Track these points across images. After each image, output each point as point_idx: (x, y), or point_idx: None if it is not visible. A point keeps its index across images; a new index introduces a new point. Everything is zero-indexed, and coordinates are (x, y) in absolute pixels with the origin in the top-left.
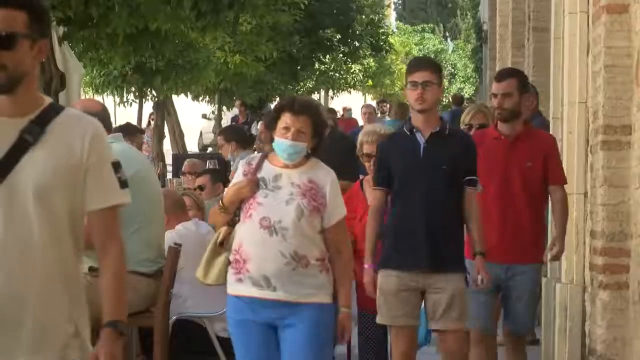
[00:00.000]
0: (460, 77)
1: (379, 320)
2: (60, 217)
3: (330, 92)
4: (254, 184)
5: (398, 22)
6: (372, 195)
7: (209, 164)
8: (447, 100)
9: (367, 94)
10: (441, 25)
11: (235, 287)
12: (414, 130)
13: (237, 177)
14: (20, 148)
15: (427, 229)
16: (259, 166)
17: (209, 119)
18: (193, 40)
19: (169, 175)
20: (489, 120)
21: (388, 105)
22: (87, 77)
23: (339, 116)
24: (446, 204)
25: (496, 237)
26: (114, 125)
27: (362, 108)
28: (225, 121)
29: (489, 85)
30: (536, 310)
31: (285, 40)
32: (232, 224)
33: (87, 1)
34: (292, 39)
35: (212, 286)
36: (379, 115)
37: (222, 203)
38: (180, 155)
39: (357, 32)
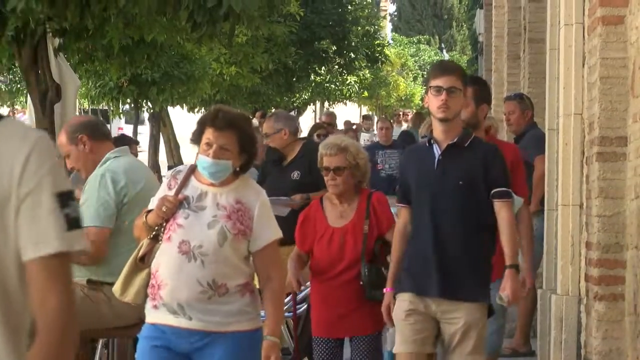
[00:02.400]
0: None
1: (394, 349)
2: None
3: (326, 104)
4: (174, 205)
5: (394, 33)
6: (333, 213)
7: None
8: None
9: (362, 105)
10: (437, 36)
11: (152, 315)
12: (432, 141)
13: (162, 189)
14: None
15: (438, 253)
16: (185, 182)
17: None
18: (189, 52)
19: None
20: None
21: (389, 121)
22: (83, 88)
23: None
24: (462, 225)
25: None
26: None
27: (377, 122)
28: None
29: None
30: (503, 327)
31: (281, 51)
32: (155, 238)
33: (82, 13)
34: (287, 51)
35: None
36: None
37: (146, 220)
38: (176, 167)
39: (353, 44)
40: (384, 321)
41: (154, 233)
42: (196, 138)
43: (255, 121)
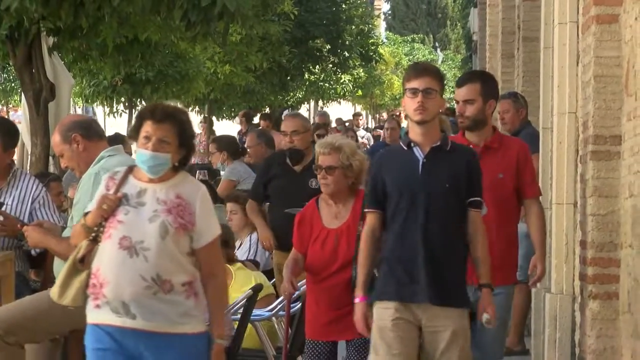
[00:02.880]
0: (450, 88)
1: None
2: None
3: (320, 103)
4: (114, 203)
5: (388, 32)
6: (328, 214)
7: (198, 175)
8: None
9: (356, 104)
10: (431, 35)
11: (94, 315)
12: (412, 144)
13: (100, 191)
14: None
15: (427, 257)
16: (123, 181)
17: None
18: (183, 51)
19: None
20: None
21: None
22: (77, 87)
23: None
24: (448, 229)
25: None
26: None
27: (385, 123)
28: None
29: None
30: (505, 338)
31: (275, 50)
32: (94, 239)
33: (76, 12)
34: (281, 50)
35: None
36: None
37: (85, 221)
38: None
39: (347, 43)
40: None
41: (93, 235)
42: (134, 133)
43: (237, 119)
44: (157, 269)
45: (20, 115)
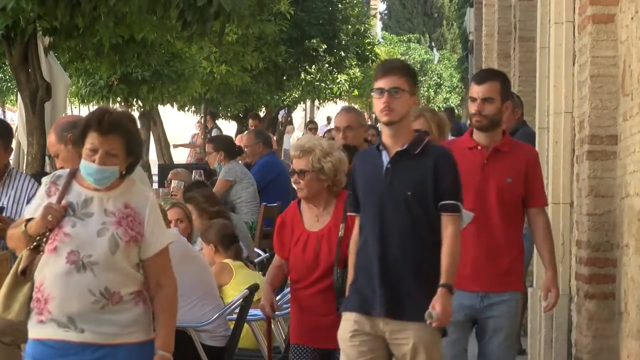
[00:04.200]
0: (446, 87)
1: None
2: None
3: (317, 102)
4: (60, 213)
5: (384, 32)
6: (309, 217)
7: (194, 175)
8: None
9: (353, 103)
10: (427, 35)
11: (38, 330)
12: (380, 147)
13: (40, 196)
14: None
15: (384, 268)
16: (66, 188)
17: None
18: (179, 51)
19: (155, 186)
20: (432, 126)
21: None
22: (73, 87)
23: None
24: (411, 238)
25: (469, 262)
26: None
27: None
28: None
29: None
30: (516, 349)
31: (271, 50)
32: (36, 248)
33: (73, 11)
34: (278, 49)
35: (17, 322)
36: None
37: (26, 229)
38: (167, 166)
39: (343, 42)
40: None
41: (34, 244)
42: (80, 140)
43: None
44: (106, 283)
45: (16, 117)
